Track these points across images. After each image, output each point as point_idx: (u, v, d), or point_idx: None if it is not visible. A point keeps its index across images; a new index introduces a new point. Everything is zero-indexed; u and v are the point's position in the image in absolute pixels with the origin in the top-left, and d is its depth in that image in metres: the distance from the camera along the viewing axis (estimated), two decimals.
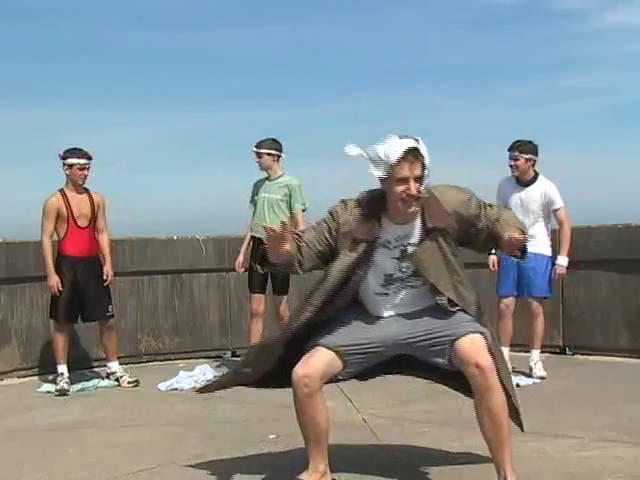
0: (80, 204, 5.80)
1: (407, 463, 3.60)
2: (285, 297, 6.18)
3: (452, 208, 3.03)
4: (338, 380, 3.23)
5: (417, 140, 2.93)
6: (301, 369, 3.00)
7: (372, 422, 4.39)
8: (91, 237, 5.87)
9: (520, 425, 3.32)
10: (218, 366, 6.56)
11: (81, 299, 5.80)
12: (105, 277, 5.91)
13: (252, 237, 6.20)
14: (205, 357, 7.07)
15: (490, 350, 2.97)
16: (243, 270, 6.29)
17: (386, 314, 3.14)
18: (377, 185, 3.08)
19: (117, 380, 5.92)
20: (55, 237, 5.83)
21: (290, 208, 6.14)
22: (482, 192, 6.25)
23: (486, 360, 2.91)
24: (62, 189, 5.80)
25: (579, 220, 7.13)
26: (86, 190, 5.88)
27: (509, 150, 5.83)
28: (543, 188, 5.79)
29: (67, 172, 5.76)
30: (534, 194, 5.79)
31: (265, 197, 6.17)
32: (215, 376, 6.15)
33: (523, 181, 5.83)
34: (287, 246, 2.93)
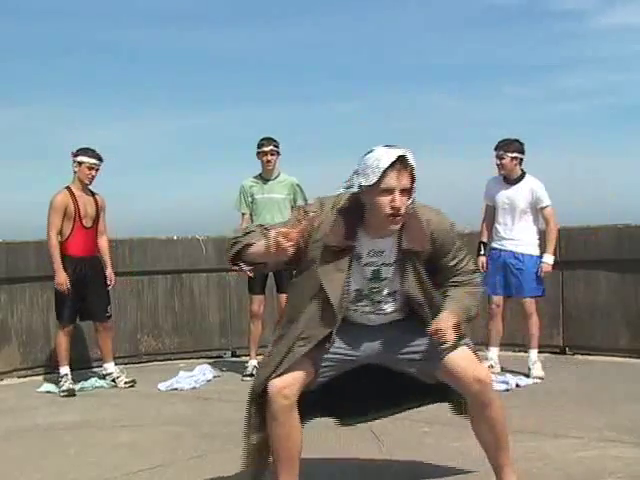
0: (86, 204, 5.84)
1: (407, 463, 3.60)
2: None
3: (431, 231, 2.82)
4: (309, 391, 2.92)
5: (405, 150, 2.72)
6: (279, 380, 2.77)
7: (372, 422, 4.38)
8: (94, 237, 5.92)
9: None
10: (218, 366, 6.56)
11: (83, 299, 5.82)
12: (109, 281, 6.01)
13: None
14: (205, 357, 7.07)
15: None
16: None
17: (360, 322, 2.94)
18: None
19: (113, 381, 5.92)
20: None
21: (292, 207, 6.13)
22: (482, 192, 6.25)
23: (485, 374, 2.83)
24: (69, 187, 5.82)
25: (579, 220, 7.15)
26: (90, 191, 5.92)
27: (495, 149, 5.86)
28: (530, 186, 5.81)
29: (76, 169, 5.80)
30: (521, 192, 5.81)
31: (271, 198, 6.13)
32: (215, 376, 6.16)
33: (510, 180, 5.85)
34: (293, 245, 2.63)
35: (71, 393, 5.60)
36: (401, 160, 2.67)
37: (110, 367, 6.00)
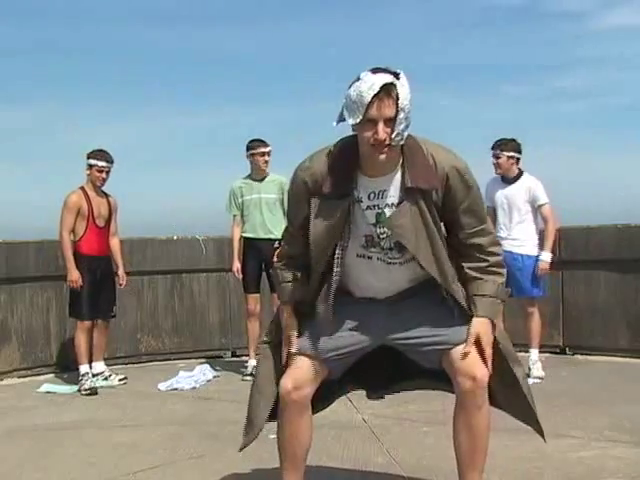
0: (99, 204, 5.90)
1: (407, 463, 3.60)
2: None
3: (442, 171, 2.55)
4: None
5: (397, 75, 2.45)
6: (290, 382, 2.68)
7: (372, 422, 4.39)
8: (106, 238, 5.99)
9: (542, 434, 3.04)
10: (218, 366, 6.56)
11: (98, 297, 5.86)
12: (122, 280, 6.10)
13: (245, 238, 6.18)
14: (205, 357, 7.07)
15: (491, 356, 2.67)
16: (242, 276, 6.22)
17: (371, 293, 2.73)
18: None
19: (105, 379, 5.94)
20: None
21: (283, 207, 6.15)
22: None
23: (481, 375, 2.61)
24: (83, 187, 5.85)
25: (579, 220, 7.15)
26: (104, 192, 5.96)
27: (491, 149, 5.86)
28: (527, 185, 5.81)
29: (87, 172, 5.85)
30: (518, 191, 5.81)
31: (261, 198, 6.14)
32: (215, 376, 6.17)
33: (508, 179, 5.86)
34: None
35: (94, 392, 5.62)
36: (386, 89, 2.42)
37: (101, 366, 6.00)
